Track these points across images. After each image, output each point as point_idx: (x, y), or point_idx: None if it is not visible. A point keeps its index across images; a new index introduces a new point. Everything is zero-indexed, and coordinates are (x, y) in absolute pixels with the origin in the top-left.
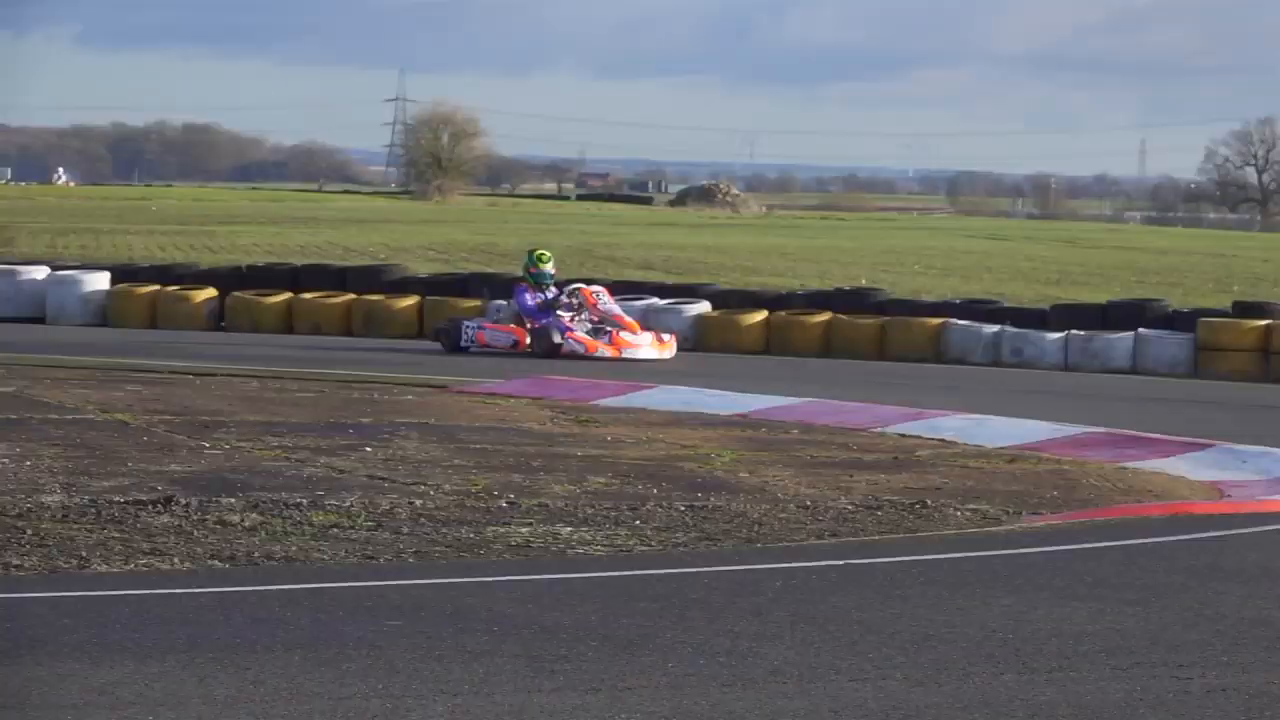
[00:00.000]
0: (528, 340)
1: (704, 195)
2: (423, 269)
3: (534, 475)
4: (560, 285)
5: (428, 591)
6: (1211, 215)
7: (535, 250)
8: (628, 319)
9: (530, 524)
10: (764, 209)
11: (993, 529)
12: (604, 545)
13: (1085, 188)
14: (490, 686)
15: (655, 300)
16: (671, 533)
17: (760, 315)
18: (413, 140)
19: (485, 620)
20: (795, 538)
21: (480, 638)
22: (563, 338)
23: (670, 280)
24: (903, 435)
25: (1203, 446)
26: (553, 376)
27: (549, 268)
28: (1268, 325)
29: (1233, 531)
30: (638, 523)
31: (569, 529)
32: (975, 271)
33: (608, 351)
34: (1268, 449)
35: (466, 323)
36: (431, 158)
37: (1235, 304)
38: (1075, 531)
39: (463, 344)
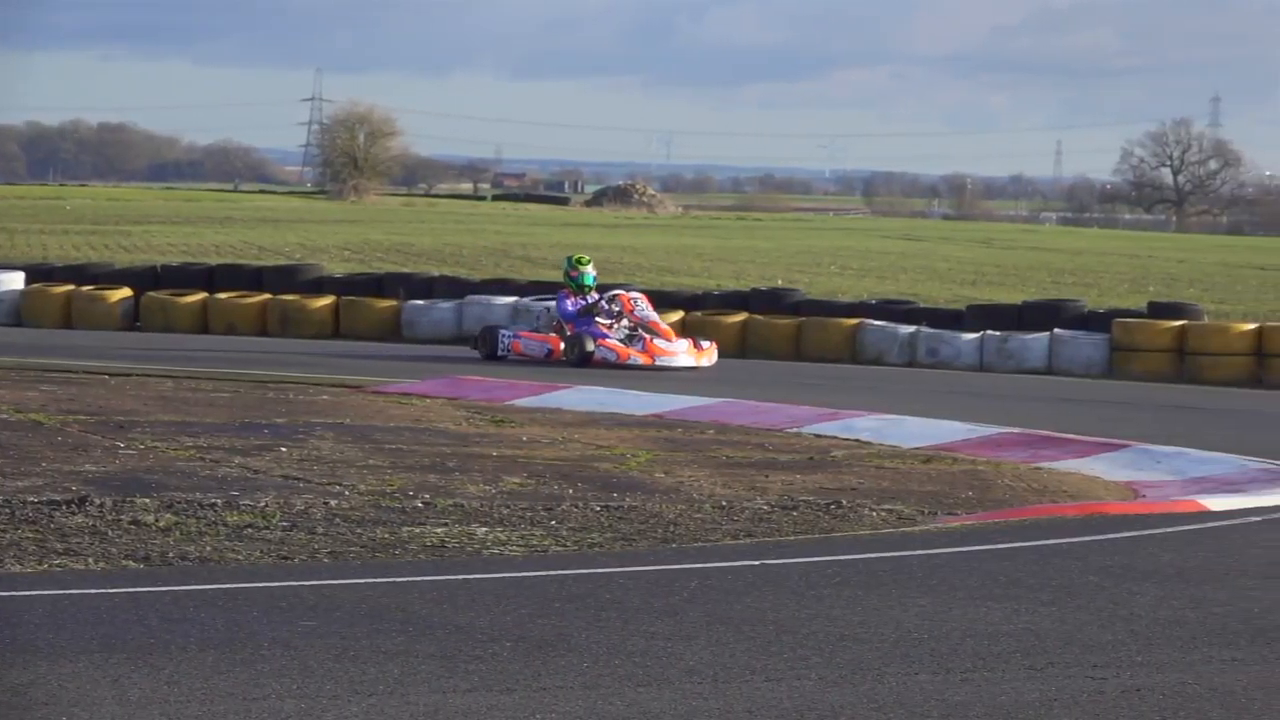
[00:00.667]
0: (562, 348)
1: (620, 195)
2: (338, 269)
3: (449, 475)
4: (602, 290)
5: (342, 592)
6: (1127, 216)
7: (575, 255)
8: (664, 326)
9: (445, 524)
10: (680, 209)
11: (908, 529)
12: (519, 545)
13: (1001, 188)
14: (405, 687)
15: None
16: (587, 533)
17: (676, 315)
18: (329, 140)
19: (400, 620)
20: (710, 538)
21: (395, 638)
22: (595, 345)
23: None
24: (818, 435)
25: (1118, 447)
26: (468, 377)
27: (589, 270)
28: (1183, 326)
29: (1147, 532)
30: (553, 523)
31: (484, 529)
32: (891, 272)
33: (641, 359)
34: (1182, 449)
35: (503, 330)
36: (347, 157)
37: (1150, 304)
38: (990, 532)
39: (499, 352)
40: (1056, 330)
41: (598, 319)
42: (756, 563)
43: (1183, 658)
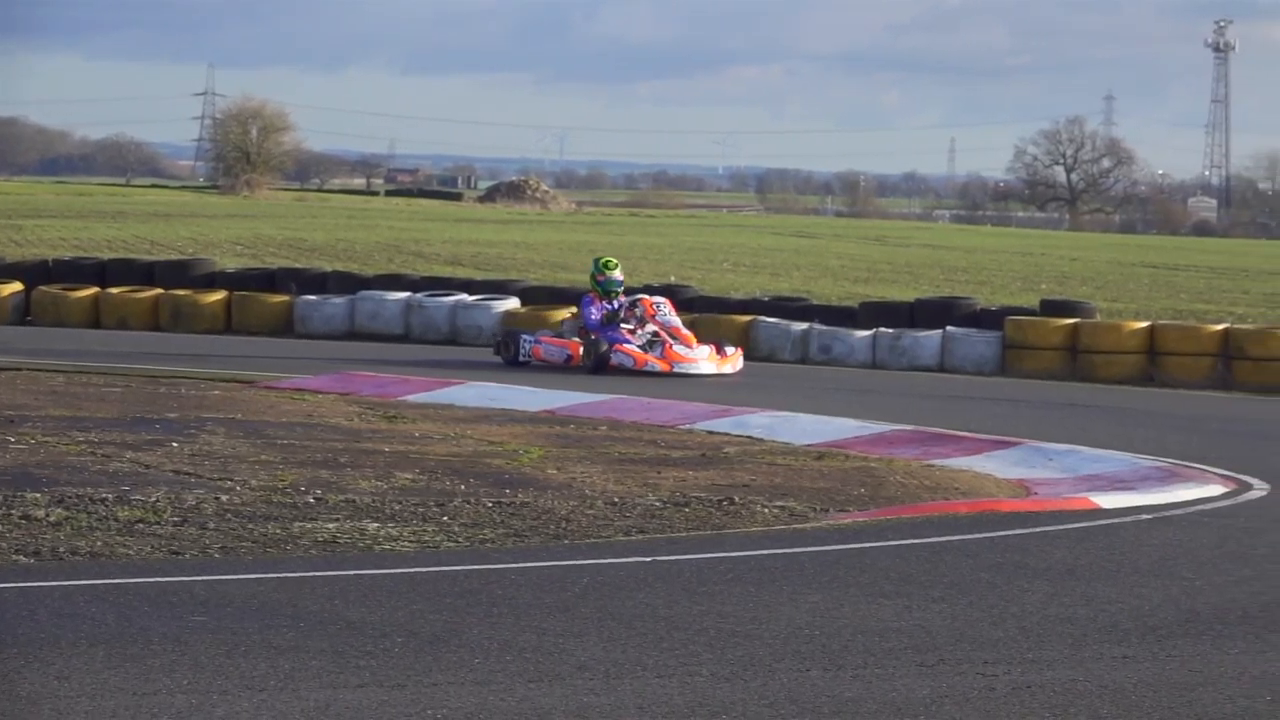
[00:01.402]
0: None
1: (513, 192)
2: (231, 264)
3: (341, 471)
4: (630, 294)
5: (233, 587)
6: (1020, 214)
7: (602, 258)
8: (685, 331)
9: (337, 520)
10: (574, 206)
11: (800, 526)
12: (411, 541)
13: (895, 186)
14: (296, 682)
15: (464, 296)
16: (479, 529)
17: (569, 311)
18: (221, 135)
19: (291, 616)
20: (603, 534)
21: (286, 634)
22: (611, 351)
23: (479, 277)
24: (710, 432)
25: (1010, 444)
26: (360, 372)
27: (617, 274)
28: (1075, 324)
29: (1039, 529)
30: (445, 519)
31: (376, 525)
32: (784, 269)
33: (658, 366)
34: (1074, 447)
35: (524, 335)
36: (240, 152)
37: (1043, 302)
38: (882, 529)
39: (521, 358)
40: (949, 328)
41: (622, 325)
42: (648, 559)
43: (1073, 655)
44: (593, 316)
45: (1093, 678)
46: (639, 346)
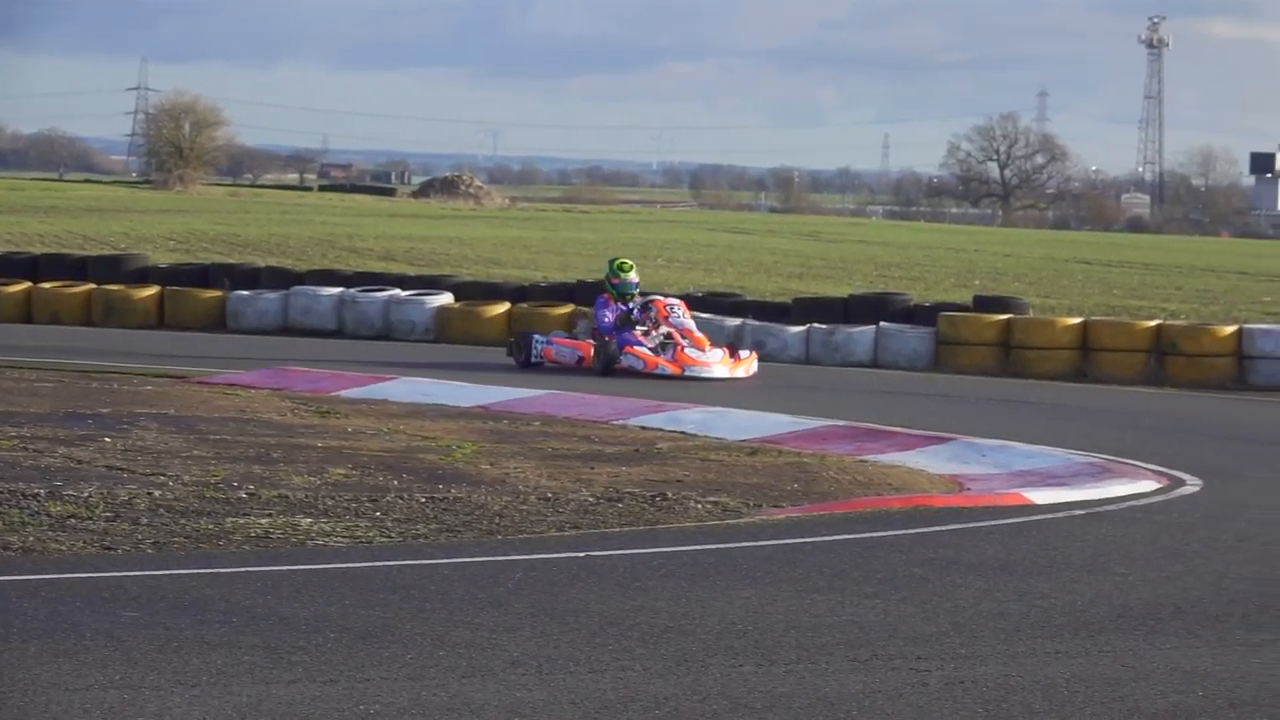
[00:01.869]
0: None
1: (447, 187)
2: (163, 259)
3: (274, 466)
4: (645, 295)
5: (166, 582)
6: (954, 210)
7: (617, 259)
8: (697, 334)
9: (270, 515)
10: (507, 201)
11: (733, 522)
12: (344, 537)
13: (828, 182)
14: (229, 678)
15: (397, 292)
16: (412, 524)
17: (503, 307)
18: (154, 130)
19: (224, 611)
20: (536, 530)
21: (219, 629)
22: (621, 353)
23: (413, 272)
24: (644, 427)
25: (943, 440)
26: (293, 368)
27: (632, 276)
28: (1008, 320)
29: (972, 525)
30: (378, 514)
31: (309, 520)
32: (718, 264)
33: (669, 369)
34: (1006, 443)
35: (537, 337)
36: (173, 147)
37: (976, 298)
38: (815, 524)
39: (533, 359)
40: (882, 323)
41: (635, 325)
42: (581, 554)
43: (1006, 650)
44: (606, 319)
45: (1025, 673)
46: (651, 349)
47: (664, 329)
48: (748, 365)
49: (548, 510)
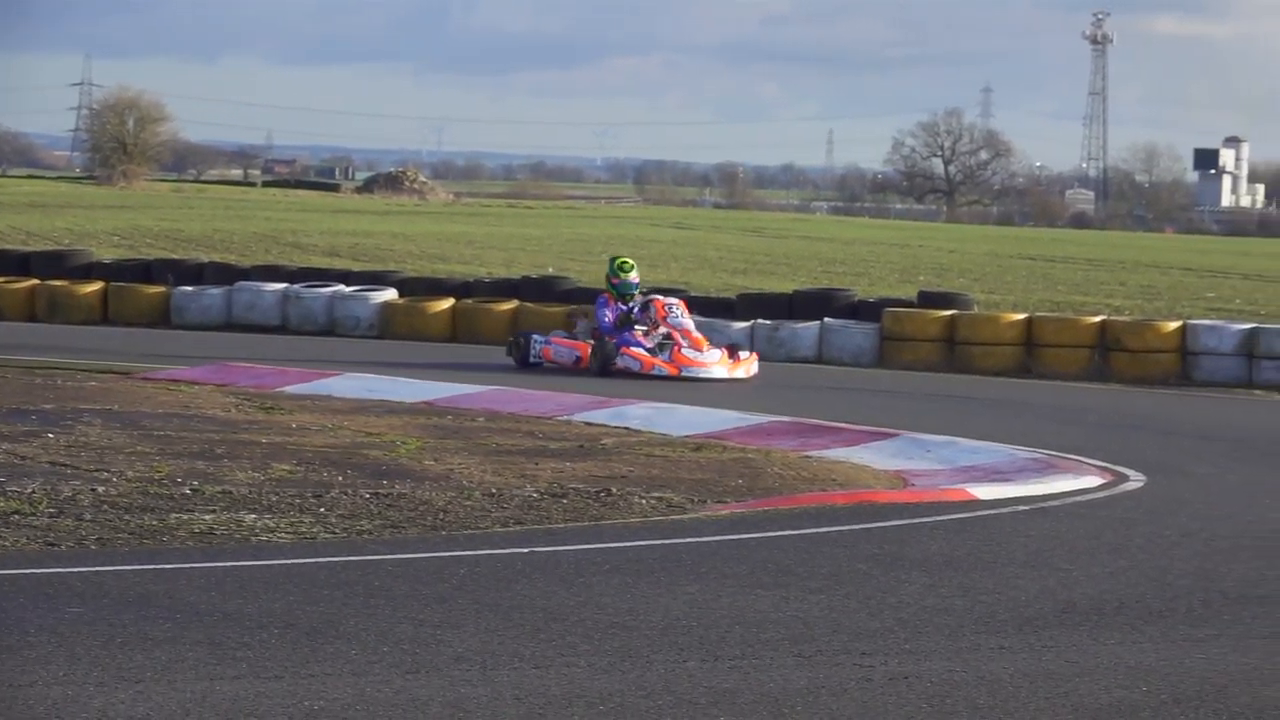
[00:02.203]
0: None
1: (391, 182)
2: (107, 254)
3: (218, 462)
4: (646, 295)
5: (110, 578)
6: (898, 206)
7: (618, 259)
8: (695, 334)
9: (214, 511)
10: (451, 197)
11: (678, 517)
12: (288, 533)
13: (773, 178)
14: (173, 674)
15: (341, 288)
16: (356, 520)
17: (447, 303)
18: (98, 125)
19: (168, 608)
20: (480, 525)
21: (163, 625)
22: (618, 354)
23: (357, 268)
24: (588, 423)
25: (887, 435)
26: (237, 363)
27: (632, 277)
28: (952, 315)
29: (916, 520)
30: (322, 510)
31: (253, 516)
32: (662, 260)
33: (665, 370)
34: (951, 438)
35: (535, 337)
36: (117, 143)
37: (921, 294)
38: (760, 520)
39: (531, 359)
40: (827, 319)
41: (635, 328)
42: (526, 550)
43: (950, 645)
44: (606, 319)
45: (970, 668)
46: (649, 349)
47: (663, 329)
48: (748, 366)
49: (492, 506)
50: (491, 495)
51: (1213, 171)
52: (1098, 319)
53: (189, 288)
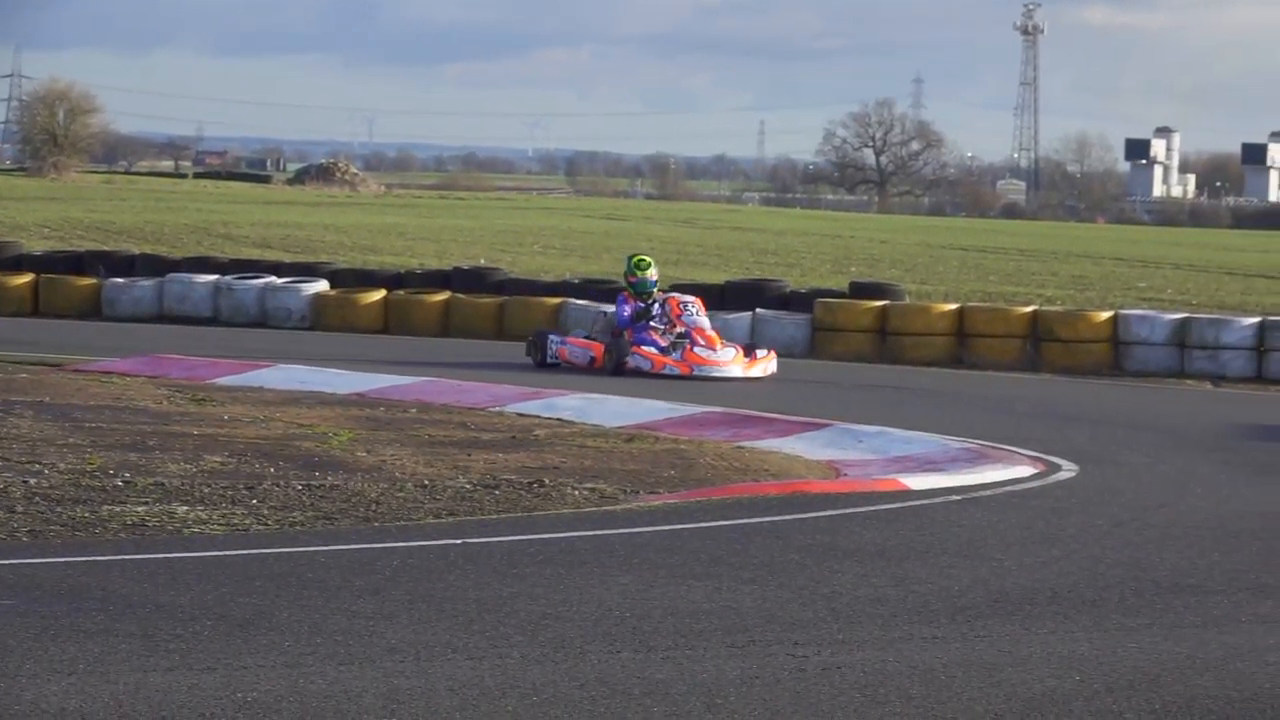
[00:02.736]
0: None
1: (322, 174)
2: (38, 246)
3: (150, 454)
4: (665, 293)
5: (42, 570)
6: (830, 196)
7: (635, 256)
8: (709, 332)
9: (146, 503)
10: (383, 188)
11: (610, 508)
12: (220, 524)
13: (704, 169)
14: (105, 665)
15: (273, 279)
16: (288, 512)
17: (378, 294)
18: (28, 117)
19: (100, 599)
20: (413, 517)
21: (95, 617)
22: (630, 353)
23: (288, 259)
24: (521, 414)
25: (819, 426)
26: (169, 355)
27: (650, 275)
28: (884, 306)
29: (849, 510)
30: (254, 502)
31: (185, 508)
32: (594, 252)
33: (677, 369)
34: (883, 428)
35: (552, 336)
36: (47, 135)
37: (852, 284)
38: (692, 510)
39: (549, 359)
40: (759, 310)
41: (651, 324)
42: (459, 541)
43: (883, 635)
44: (625, 313)
45: (902, 658)
46: (663, 348)
47: (678, 328)
48: (765, 364)
49: (425, 497)
50: (424, 486)
51: (1144, 162)
52: (1029, 309)
53: (120, 280)
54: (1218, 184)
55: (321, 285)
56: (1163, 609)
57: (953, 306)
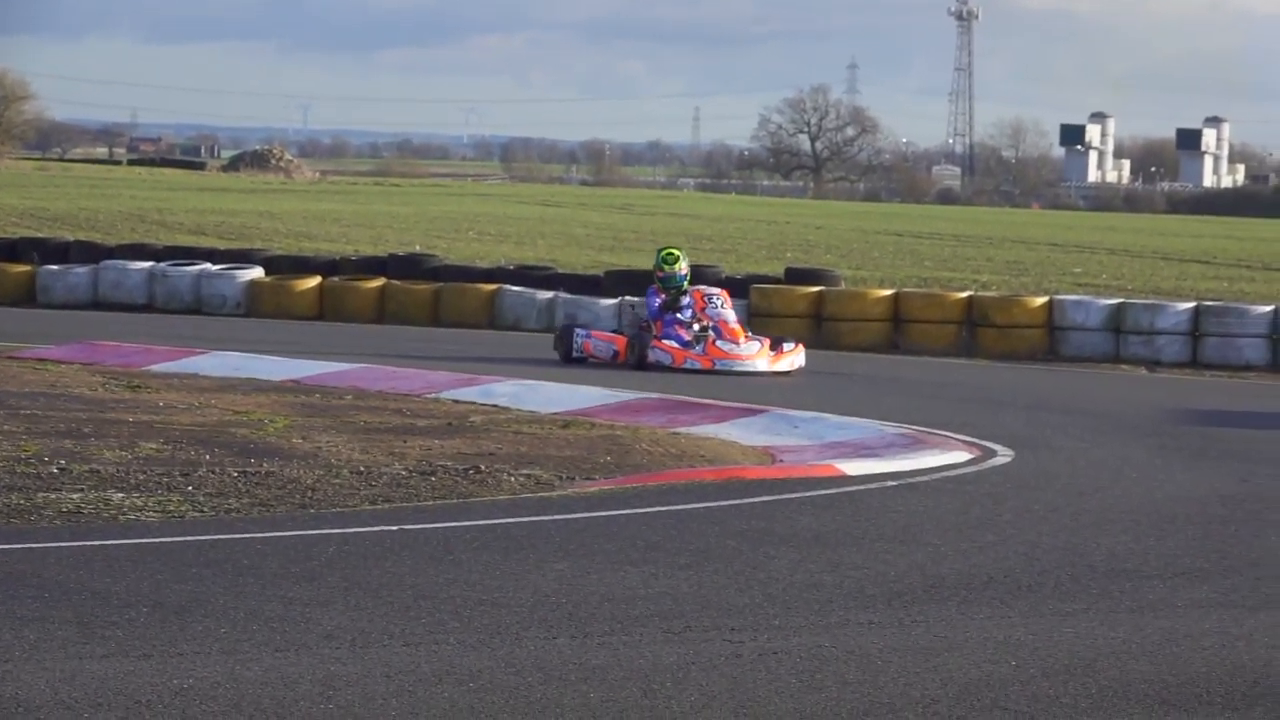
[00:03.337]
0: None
1: (257, 161)
2: None
3: (85, 441)
4: (693, 286)
5: None
6: (765, 182)
7: (664, 249)
8: (733, 326)
9: (81, 490)
10: (318, 175)
11: (546, 494)
12: (156, 511)
13: (639, 155)
14: (41, 653)
15: (208, 266)
16: (224, 499)
17: (314, 281)
18: None
19: (36, 587)
20: (349, 503)
21: (31, 604)
22: (650, 347)
23: (223, 246)
24: (456, 401)
25: (755, 412)
26: (104, 342)
27: (680, 269)
28: (820, 291)
29: (785, 496)
30: (190, 489)
31: (121, 495)
32: (530, 238)
33: (699, 364)
34: (819, 414)
35: (578, 330)
36: None
37: (787, 270)
38: (628, 496)
39: (574, 353)
40: None
41: (678, 315)
42: (395, 528)
43: (819, 620)
44: (655, 304)
45: (839, 644)
46: (686, 342)
47: (703, 321)
48: (793, 358)
49: (360, 484)
50: (360, 473)
51: (1079, 147)
52: (965, 295)
53: (54, 266)
54: (1153, 169)
55: (256, 272)
56: (1099, 594)
57: (888, 292)
